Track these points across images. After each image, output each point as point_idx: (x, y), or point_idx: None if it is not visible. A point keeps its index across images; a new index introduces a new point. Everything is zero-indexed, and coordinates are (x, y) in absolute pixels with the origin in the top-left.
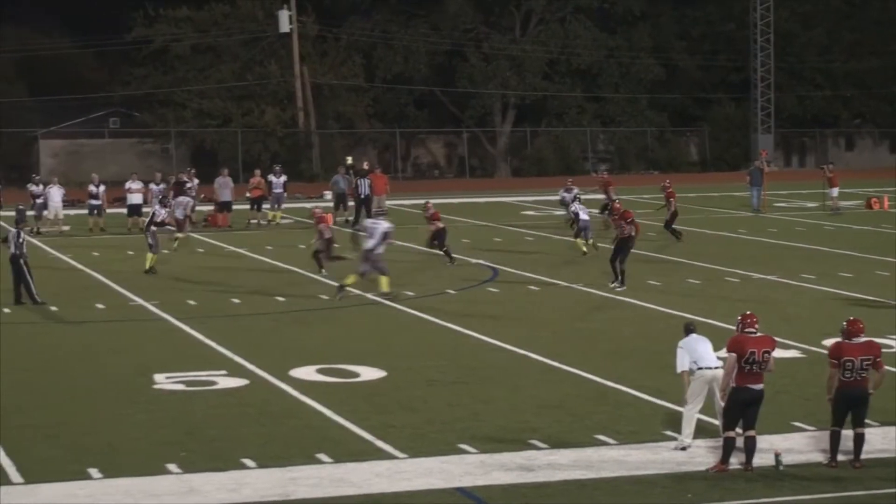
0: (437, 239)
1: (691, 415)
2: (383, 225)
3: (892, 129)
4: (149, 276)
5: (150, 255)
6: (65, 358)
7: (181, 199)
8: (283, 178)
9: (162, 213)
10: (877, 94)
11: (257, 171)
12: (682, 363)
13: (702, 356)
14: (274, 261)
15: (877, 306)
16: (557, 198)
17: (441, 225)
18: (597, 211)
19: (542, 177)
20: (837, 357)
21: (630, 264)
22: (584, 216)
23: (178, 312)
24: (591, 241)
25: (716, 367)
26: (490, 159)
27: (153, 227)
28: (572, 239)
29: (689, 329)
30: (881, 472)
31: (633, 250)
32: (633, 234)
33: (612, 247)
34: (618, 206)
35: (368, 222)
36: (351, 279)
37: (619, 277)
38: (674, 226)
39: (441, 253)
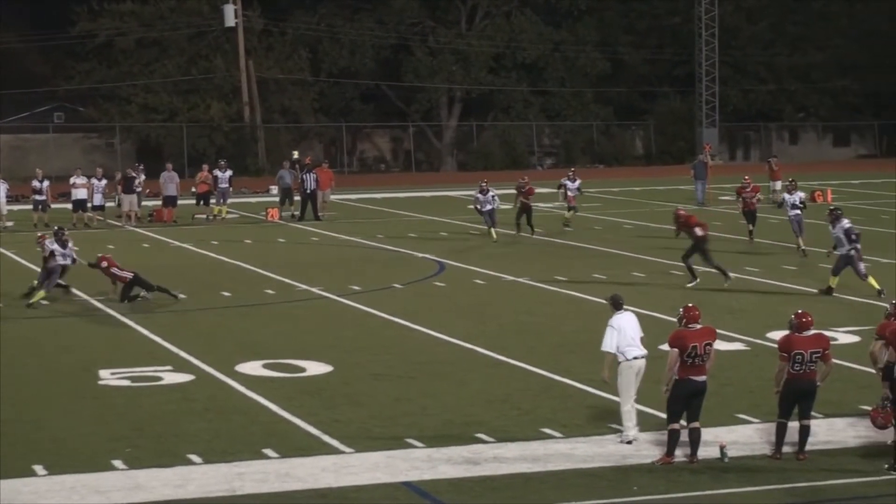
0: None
1: (628, 408)
2: (844, 222)
3: (835, 122)
4: (94, 270)
5: (40, 292)
6: (8, 354)
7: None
8: (229, 173)
9: (59, 258)
10: (820, 88)
11: (205, 167)
12: (611, 343)
13: (629, 345)
14: (220, 256)
15: (820, 299)
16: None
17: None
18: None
19: (488, 171)
20: (787, 350)
21: (576, 257)
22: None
23: (122, 307)
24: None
25: (642, 357)
26: (436, 153)
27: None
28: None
29: (617, 303)
30: (825, 463)
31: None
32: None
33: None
34: (682, 212)
35: (840, 230)
36: (873, 281)
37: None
38: (520, 221)
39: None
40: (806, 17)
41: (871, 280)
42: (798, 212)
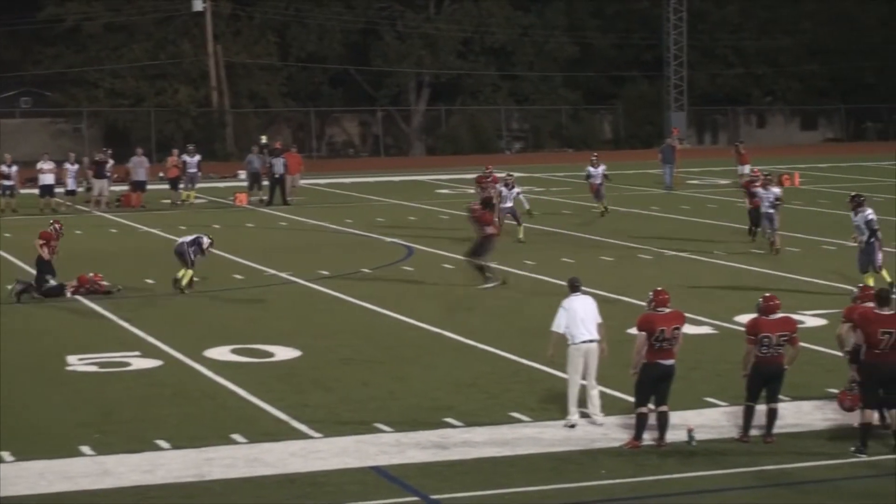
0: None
1: (573, 392)
2: (868, 211)
3: (802, 106)
4: (58, 257)
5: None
6: None
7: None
8: (198, 158)
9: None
10: (788, 72)
11: (175, 151)
12: (560, 323)
13: (578, 328)
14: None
15: (788, 283)
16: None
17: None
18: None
19: (456, 155)
20: (755, 333)
21: (544, 241)
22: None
23: (90, 293)
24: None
25: (591, 341)
26: (404, 138)
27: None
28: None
29: (574, 286)
30: (793, 446)
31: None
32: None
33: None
34: (476, 207)
35: (861, 218)
36: (886, 274)
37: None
38: None
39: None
40: (774, 0)
41: (885, 273)
42: (773, 210)
